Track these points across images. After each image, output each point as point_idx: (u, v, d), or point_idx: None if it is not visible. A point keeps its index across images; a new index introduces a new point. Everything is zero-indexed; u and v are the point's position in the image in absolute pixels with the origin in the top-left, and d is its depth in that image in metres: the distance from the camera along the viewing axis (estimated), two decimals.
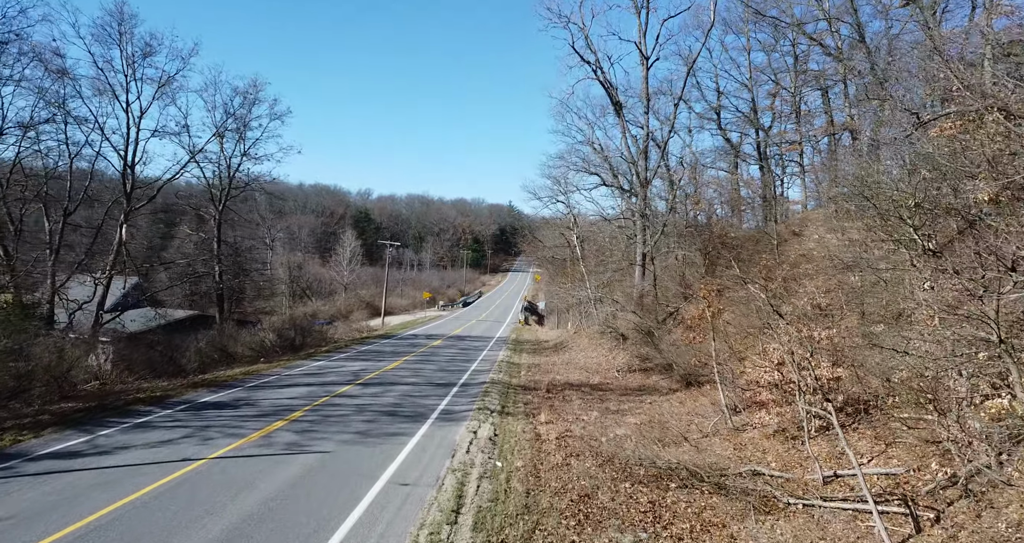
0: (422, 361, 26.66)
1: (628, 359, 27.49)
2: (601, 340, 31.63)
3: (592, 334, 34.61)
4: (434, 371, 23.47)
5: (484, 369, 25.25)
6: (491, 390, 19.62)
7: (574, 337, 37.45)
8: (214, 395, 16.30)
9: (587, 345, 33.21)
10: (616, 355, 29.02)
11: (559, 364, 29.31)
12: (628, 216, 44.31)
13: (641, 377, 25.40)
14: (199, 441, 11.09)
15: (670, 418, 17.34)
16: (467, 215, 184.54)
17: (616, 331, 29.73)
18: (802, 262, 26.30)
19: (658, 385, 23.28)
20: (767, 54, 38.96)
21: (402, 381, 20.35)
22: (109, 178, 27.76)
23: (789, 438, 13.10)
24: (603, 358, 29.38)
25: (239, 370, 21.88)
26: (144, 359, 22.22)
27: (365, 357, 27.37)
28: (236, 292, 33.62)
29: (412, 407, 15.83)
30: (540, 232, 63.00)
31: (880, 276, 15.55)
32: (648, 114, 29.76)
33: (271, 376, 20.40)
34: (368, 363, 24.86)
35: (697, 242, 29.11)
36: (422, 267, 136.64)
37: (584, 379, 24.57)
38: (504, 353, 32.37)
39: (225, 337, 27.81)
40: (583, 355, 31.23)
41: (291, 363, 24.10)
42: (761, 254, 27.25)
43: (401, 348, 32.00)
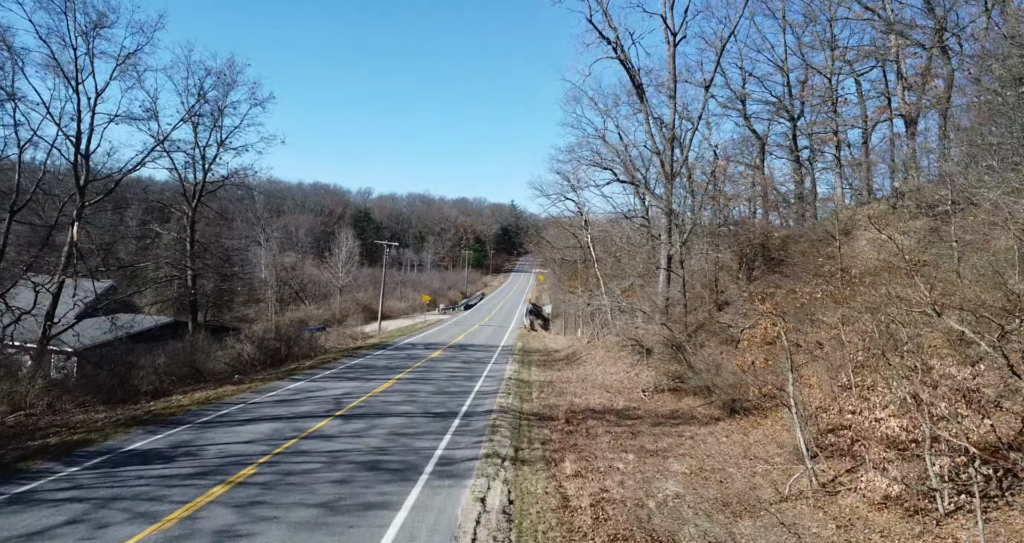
0: (418, 379, 23.20)
1: (655, 377, 24.00)
2: (620, 353, 28.17)
3: (609, 345, 31.14)
4: (432, 394, 20.01)
5: (490, 390, 21.79)
6: (500, 423, 16.15)
7: (588, 348, 33.98)
8: (149, 438, 12.84)
9: (604, 358, 29.72)
10: (639, 371, 25.55)
11: (575, 381, 25.85)
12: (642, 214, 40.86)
13: (672, 400, 21.94)
14: (82, 537, 7.63)
15: (726, 464, 13.86)
16: (469, 214, 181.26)
17: (638, 344, 26.26)
18: (853, 266, 22.79)
19: (695, 411, 19.82)
20: (797, 37, 35.50)
21: (392, 410, 16.88)
22: (67, 171, 24.31)
23: (910, 512, 9.61)
24: (624, 375, 25.91)
25: (200, 396, 18.42)
26: (88, 382, 18.80)
27: (353, 375, 23.92)
28: (214, 297, 30.15)
29: (401, 453, 12.37)
30: (546, 231, 59.56)
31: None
32: (675, 98, 26.25)
33: (234, 404, 16.94)
34: (355, 384, 21.39)
35: (731, 243, 25.62)
36: (423, 268, 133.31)
37: (607, 403, 21.10)
38: (511, 367, 28.90)
39: (194, 351, 24.37)
40: (601, 370, 27.74)
41: (265, 385, 20.63)
42: (811, 257, 23.75)
43: (396, 362, 28.53)
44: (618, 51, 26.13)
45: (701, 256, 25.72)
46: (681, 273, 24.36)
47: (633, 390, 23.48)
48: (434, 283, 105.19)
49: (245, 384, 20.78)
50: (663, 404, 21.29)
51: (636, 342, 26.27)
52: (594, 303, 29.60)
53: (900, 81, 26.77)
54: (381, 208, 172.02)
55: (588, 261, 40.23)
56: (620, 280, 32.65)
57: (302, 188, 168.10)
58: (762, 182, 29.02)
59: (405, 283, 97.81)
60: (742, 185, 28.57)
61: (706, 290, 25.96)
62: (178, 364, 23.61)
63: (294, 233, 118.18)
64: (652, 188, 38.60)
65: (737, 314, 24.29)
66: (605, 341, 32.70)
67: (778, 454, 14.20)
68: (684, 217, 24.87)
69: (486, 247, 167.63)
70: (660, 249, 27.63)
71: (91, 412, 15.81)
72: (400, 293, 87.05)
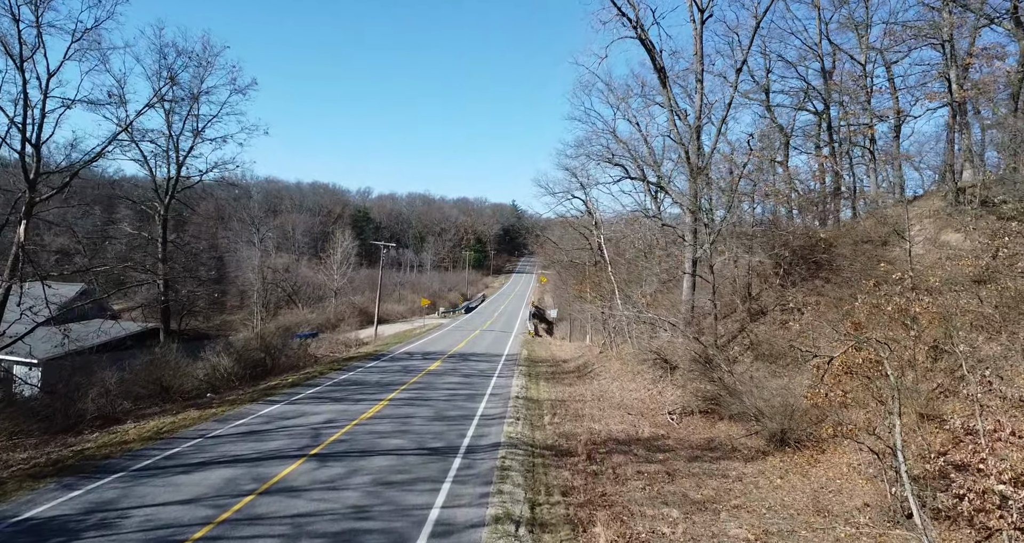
0: (414, 400, 20.38)
1: (683, 398, 21.17)
2: (640, 367, 25.34)
3: (626, 357, 28.31)
4: (428, 421, 17.19)
5: (495, 413, 18.97)
6: (510, 463, 13.33)
7: (601, 359, 31.14)
8: (61, 497, 10.01)
9: (621, 372, 26.89)
10: (663, 389, 22.73)
11: (590, 400, 23.03)
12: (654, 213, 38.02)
13: (704, 425, 19.12)
14: None
15: (795, 523, 11.00)
16: (469, 214, 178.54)
17: (660, 357, 23.44)
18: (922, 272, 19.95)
19: (734, 441, 16.99)
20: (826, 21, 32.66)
21: (380, 446, 14.06)
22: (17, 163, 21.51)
23: None
24: (646, 393, 23.09)
25: (154, 425, 15.60)
26: (26, 406, 16.01)
27: (339, 394, 21.09)
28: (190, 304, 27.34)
29: (386, 517, 9.56)
30: (551, 232, 56.75)
31: None
32: (702, 82, 23.44)
33: (189, 439, 14.11)
34: (340, 407, 18.57)
35: (765, 245, 22.76)
36: (422, 269, 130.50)
37: (631, 429, 18.28)
38: (518, 382, 26.08)
39: (161, 366, 21.56)
40: (618, 387, 24.91)
41: (234, 409, 17.79)
42: (858, 260, 20.89)
43: (389, 376, 25.70)
44: (639, 30, 23.35)
45: (729, 260, 22.88)
46: (711, 279, 21.51)
47: (657, 412, 20.67)
48: (434, 285, 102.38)
49: (213, 408, 17.93)
50: (695, 431, 18.48)
51: (659, 356, 23.45)
52: (612, 313, 26.72)
53: (951, 64, 23.91)
54: (380, 208, 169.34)
55: (599, 264, 37.39)
56: (635, 285, 29.80)
57: (300, 187, 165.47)
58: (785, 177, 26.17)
59: (404, 285, 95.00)
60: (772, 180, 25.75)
61: (737, 297, 23.13)
62: (142, 381, 20.82)
63: (291, 233, 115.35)
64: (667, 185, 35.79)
65: (776, 325, 21.47)
66: (620, 352, 29.86)
67: (859, 510, 11.37)
68: (713, 215, 22.05)
69: (487, 247, 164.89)
70: (684, 252, 24.81)
71: (14, 450, 13.00)
72: (399, 295, 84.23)
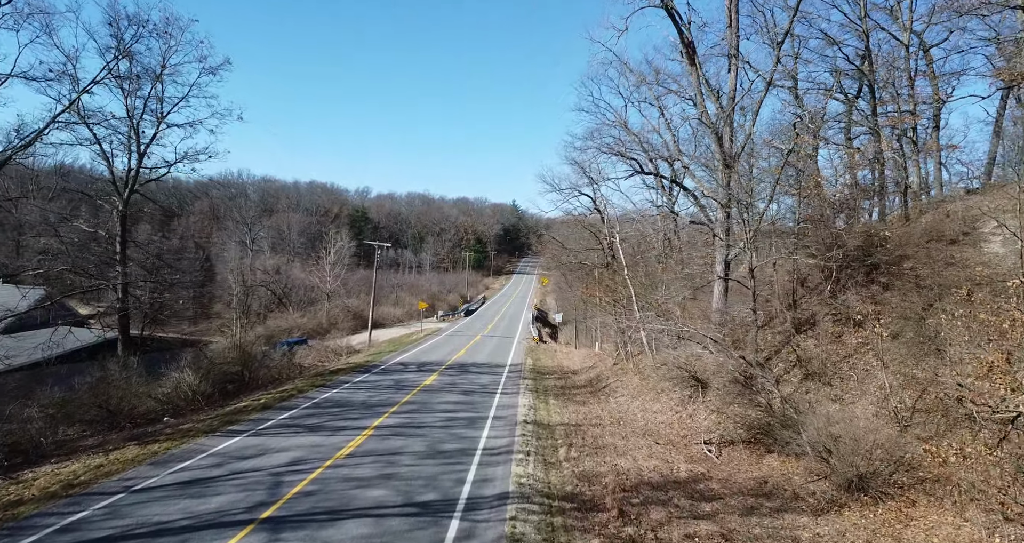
0: (404, 428, 17.27)
1: (720, 424, 18.10)
2: (663, 384, 22.24)
3: (645, 370, 25.21)
4: (419, 459, 14.08)
5: (501, 445, 15.87)
6: (522, 530, 10.23)
7: (616, 372, 28.03)
8: None
9: (640, 388, 23.78)
10: (694, 411, 19.63)
11: (609, 423, 19.94)
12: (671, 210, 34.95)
13: (750, 459, 16.02)
14: None
15: None
16: (469, 214, 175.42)
17: (690, 374, 20.34)
18: None
19: (792, 483, 13.87)
20: None
21: (354, 502, 10.96)
22: None
23: None
24: (673, 416, 19.99)
25: (70, 471, 12.46)
26: None
27: (316, 420, 17.98)
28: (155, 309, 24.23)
29: None
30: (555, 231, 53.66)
31: None
32: (737, 57, 20.36)
33: (107, 495, 10.99)
34: (313, 440, 15.46)
35: (812, 244, 19.64)
36: (421, 270, 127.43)
37: (664, 466, 15.18)
38: (524, 400, 23.00)
39: (109, 386, 18.46)
40: (639, 407, 21.82)
41: (183, 444, 14.64)
42: (922, 262, 17.80)
43: (378, 394, 22.58)
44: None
45: (768, 262, 19.77)
46: (750, 284, 18.41)
47: (691, 442, 17.58)
48: (432, 286, 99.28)
49: (158, 442, 14.79)
50: (740, 468, 15.38)
51: (687, 372, 20.35)
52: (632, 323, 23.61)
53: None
54: (379, 207, 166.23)
55: (610, 266, 34.30)
56: (655, 290, 26.70)
57: (297, 187, 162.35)
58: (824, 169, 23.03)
59: (402, 286, 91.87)
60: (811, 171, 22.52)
61: (777, 305, 20.00)
62: (85, 405, 17.73)
63: (286, 233, 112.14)
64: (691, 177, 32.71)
65: (828, 339, 18.33)
66: (638, 364, 26.76)
67: None
68: (751, 211, 18.95)
69: (487, 248, 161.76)
70: (716, 253, 21.73)
71: None
72: (396, 298, 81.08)
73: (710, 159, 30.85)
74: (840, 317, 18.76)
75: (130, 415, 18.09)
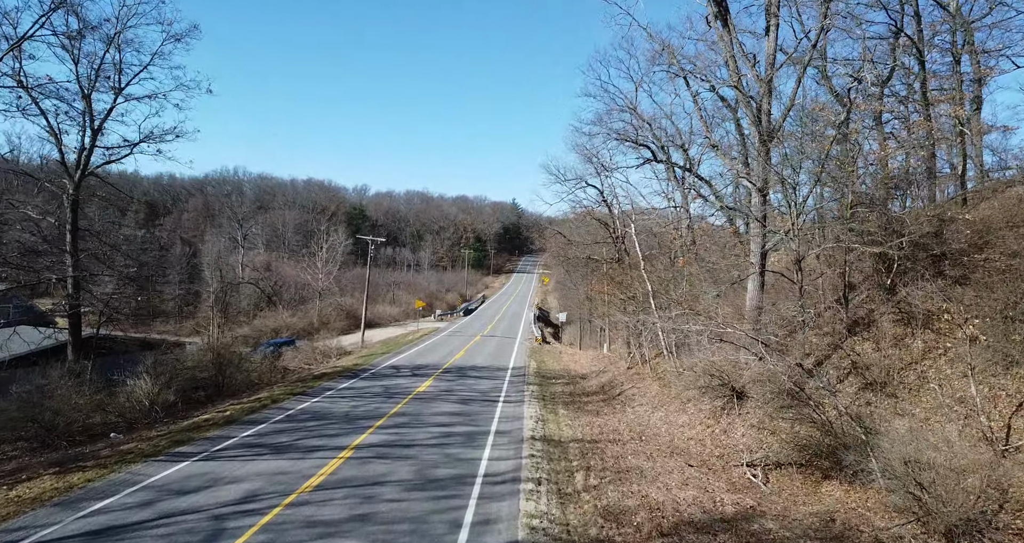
0: (389, 447, 14.53)
1: (763, 441, 15.38)
2: (689, 392, 19.48)
3: (665, 376, 22.47)
4: (406, 491, 11.35)
5: (505, 470, 13.14)
6: None
7: (630, 376, 25.30)
8: None
9: (661, 396, 21.05)
10: (729, 426, 16.88)
11: (629, 439, 17.22)
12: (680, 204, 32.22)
13: (805, 486, 13.27)
14: None
15: None
16: (469, 213, 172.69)
17: (721, 380, 17.58)
18: None
19: (869, 522, 11.17)
20: None
21: None
22: None
23: None
24: (704, 430, 17.26)
25: None
26: None
27: (286, 438, 15.24)
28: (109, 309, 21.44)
29: None
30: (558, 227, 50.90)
31: None
32: (777, 16, 17.63)
33: None
34: (277, 465, 12.73)
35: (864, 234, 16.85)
36: (419, 268, 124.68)
37: (704, 498, 12.44)
38: (530, 410, 20.27)
39: (50, 396, 15.71)
40: (662, 418, 19.10)
41: (113, 473, 11.84)
42: (1010, 254, 15.11)
43: (363, 404, 19.85)
44: None
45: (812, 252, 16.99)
46: (798, 278, 15.68)
47: (729, 462, 14.86)
48: (431, 285, 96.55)
49: (85, 470, 12.02)
50: (796, 498, 12.65)
51: (719, 379, 17.59)
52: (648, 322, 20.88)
53: None
54: (377, 205, 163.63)
55: (622, 260, 31.57)
56: (674, 285, 23.99)
57: (294, 184, 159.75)
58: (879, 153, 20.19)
59: (399, 285, 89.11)
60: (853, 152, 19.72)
61: (827, 300, 17.23)
62: (14, 419, 14.99)
63: (281, 231, 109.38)
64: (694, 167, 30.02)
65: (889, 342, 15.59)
66: (656, 368, 24.03)
67: None
68: (796, 194, 16.19)
69: (487, 246, 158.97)
70: (751, 243, 19.00)
71: None
72: (393, 296, 78.35)
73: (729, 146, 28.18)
74: (903, 316, 16.03)
75: (68, 432, 15.36)
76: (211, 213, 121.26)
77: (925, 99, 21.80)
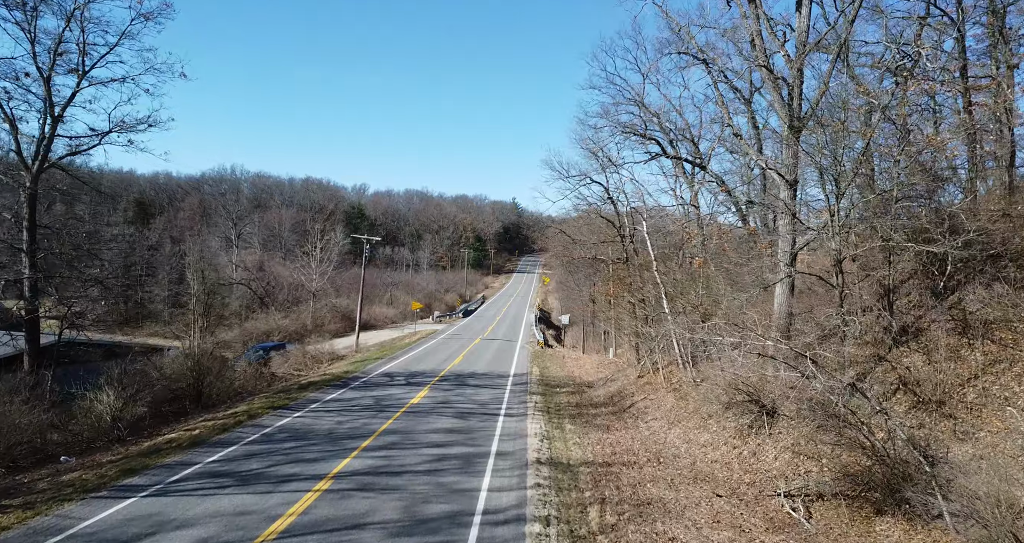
0: (372, 478, 12.67)
1: (798, 467, 13.54)
2: (709, 406, 17.62)
3: (681, 387, 20.60)
4: (390, 538, 9.49)
5: (508, 505, 11.26)
6: None
7: (641, 385, 23.44)
8: None
9: (678, 410, 19.18)
10: (759, 447, 15.01)
11: (646, 461, 15.36)
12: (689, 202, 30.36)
13: (851, 521, 11.34)
14: None
15: None
16: (469, 212, 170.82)
17: (748, 395, 15.72)
18: None
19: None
20: None
21: None
22: None
23: None
24: (730, 451, 15.40)
25: None
26: None
27: (256, 464, 13.38)
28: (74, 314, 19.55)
29: None
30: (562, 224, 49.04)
31: None
32: None
33: None
34: (241, 502, 10.87)
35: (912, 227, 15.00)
36: (418, 268, 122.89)
37: (739, 541, 10.61)
38: (535, 425, 18.42)
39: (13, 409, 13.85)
40: (680, 436, 17.24)
41: (30, 521, 9.96)
42: None
43: (350, 420, 17.99)
44: None
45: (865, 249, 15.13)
46: (839, 280, 13.83)
47: (762, 490, 13.01)
48: (430, 285, 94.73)
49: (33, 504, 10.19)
50: (847, 540, 10.81)
51: (745, 393, 15.73)
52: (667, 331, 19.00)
53: None
54: (376, 204, 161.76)
55: (630, 261, 29.71)
56: (691, 286, 22.13)
57: (292, 183, 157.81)
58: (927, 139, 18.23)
59: (397, 285, 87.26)
60: None
61: (865, 305, 15.37)
62: None
63: (277, 230, 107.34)
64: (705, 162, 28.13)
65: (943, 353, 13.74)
66: (671, 377, 22.15)
67: None
68: (838, 184, 14.32)
69: (487, 246, 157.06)
70: (779, 242, 17.15)
71: None
72: (391, 297, 76.54)
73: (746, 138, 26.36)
74: (956, 324, 14.17)
75: (11, 456, 13.50)
76: (207, 212, 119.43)
77: (966, 88, 19.87)
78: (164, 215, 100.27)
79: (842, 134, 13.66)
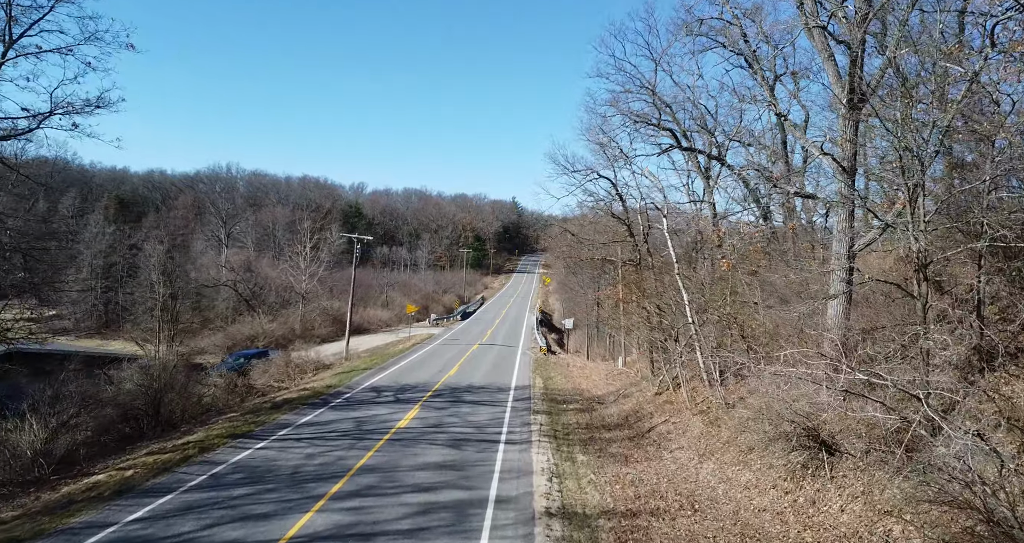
0: (340, 537, 9.89)
1: (874, 523, 10.76)
2: (747, 436, 14.82)
3: (710, 408, 17.79)
4: None
5: None
6: None
7: (660, 404, 20.65)
8: None
9: (708, 437, 16.36)
10: (819, 494, 12.14)
11: (678, 509, 12.55)
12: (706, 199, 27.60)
13: None
14: None
15: None
16: (468, 211, 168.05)
17: (802, 425, 12.93)
18: None
19: None
20: None
21: None
22: None
23: None
24: (781, 496, 12.56)
25: None
26: None
27: (190, 527, 10.57)
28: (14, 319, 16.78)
29: None
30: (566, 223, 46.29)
31: None
32: None
33: None
34: None
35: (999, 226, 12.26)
36: (416, 268, 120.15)
37: None
38: (540, 457, 15.61)
39: None
40: (715, 473, 14.43)
41: None
42: None
43: (322, 452, 15.19)
44: None
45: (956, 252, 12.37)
46: (921, 290, 11.06)
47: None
48: (428, 286, 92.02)
49: None
50: None
51: (798, 424, 12.93)
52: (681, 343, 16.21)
53: None
54: (374, 203, 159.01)
55: (643, 262, 26.94)
56: (714, 289, 19.35)
57: (288, 182, 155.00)
58: None
59: (394, 286, 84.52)
60: None
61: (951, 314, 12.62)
62: None
63: (271, 229, 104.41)
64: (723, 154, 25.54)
65: None
66: (695, 396, 19.33)
67: None
68: (912, 172, 11.57)
69: (486, 246, 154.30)
70: (833, 241, 14.37)
71: None
72: (386, 299, 73.77)
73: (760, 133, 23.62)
74: None
75: None
76: (201, 210, 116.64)
77: None
78: (155, 214, 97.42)
79: (921, 107, 10.89)
